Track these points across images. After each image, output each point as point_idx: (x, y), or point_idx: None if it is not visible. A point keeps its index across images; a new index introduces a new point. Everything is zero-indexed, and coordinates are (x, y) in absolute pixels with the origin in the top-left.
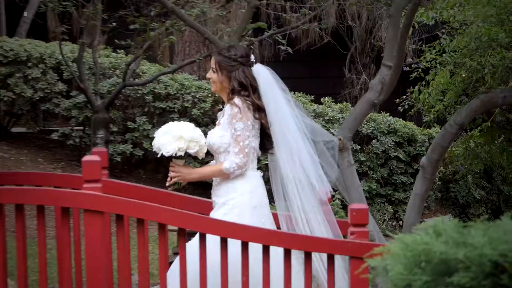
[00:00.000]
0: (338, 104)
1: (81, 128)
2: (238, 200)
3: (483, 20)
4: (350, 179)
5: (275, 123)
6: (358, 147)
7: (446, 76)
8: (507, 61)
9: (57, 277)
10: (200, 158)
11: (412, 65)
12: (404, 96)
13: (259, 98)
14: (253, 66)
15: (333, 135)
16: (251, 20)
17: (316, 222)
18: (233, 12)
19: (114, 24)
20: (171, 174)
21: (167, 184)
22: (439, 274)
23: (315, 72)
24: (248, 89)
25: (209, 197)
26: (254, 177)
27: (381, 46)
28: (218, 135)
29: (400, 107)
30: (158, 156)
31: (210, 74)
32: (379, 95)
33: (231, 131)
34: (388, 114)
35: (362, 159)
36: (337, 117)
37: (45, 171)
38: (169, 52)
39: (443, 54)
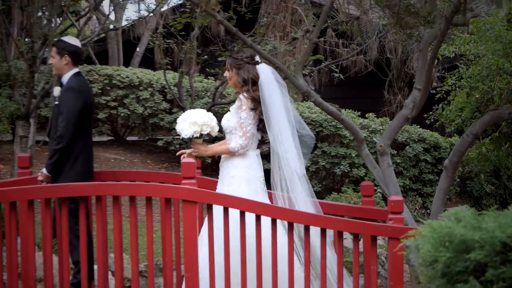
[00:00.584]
0: (379, 118)
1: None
2: (236, 173)
3: (492, 53)
4: (389, 177)
5: (269, 110)
6: (395, 152)
7: (463, 97)
8: (511, 85)
9: (161, 252)
10: (213, 136)
11: (437, 88)
12: (431, 112)
13: (257, 91)
14: (257, 65)
15: (375, 143)
16: (311, 53)
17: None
18: (298, 47)
19: (206, 56)
20: (188, 151)
21: (178, 153)
22: (460, 252)
23: (361, 93)
24: (248, 84)
25: None
26: (251, 156)
27: (413, 73)
28: (227, 119)
29: (427, 121)
30: (180, 138)
31: (226, 73)
32: (411, 111)
33: (237, 118)
34: (418, 126)
35: (398, 161)
36: (378, 129)
37: (152, 170)
38: None
39: (461, 80)
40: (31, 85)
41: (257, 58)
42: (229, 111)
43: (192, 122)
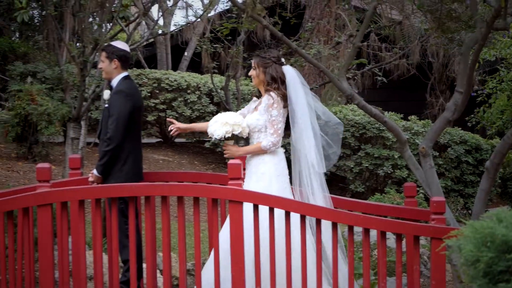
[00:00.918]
0: (422, 121)
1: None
2: (266, 170)
3: None
4: (431, 178)
5: (295, 109)
6: (437, 154)
7: (504, 99)
8: None
9: (208, 251)
10: (244, 137)
11: (478, 91)
12: (472, 115)
13: (286, 89)
14: (283, 65)
15: (418, 145)
16: (355, 57)
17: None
18: (341, 51)
19: (251, 61)
20: (180, 124)
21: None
22: (501, 252)
23: (404, 96)
24: (278, 82)
25: None
26: (280, 153)
27: (454, 76)
28: (255, 118)
29: (469, 123)
30: (212, 140)
31: (251, 72)
32: (453, 114)
33: (267, 116)
34: (460, 128)
35: (440, 162)
36: (420, 131)
37: (200, 171)
38: None
39: (502, 83)
40: (82, 88)
41: (282, 60)
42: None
43: (223, 122)
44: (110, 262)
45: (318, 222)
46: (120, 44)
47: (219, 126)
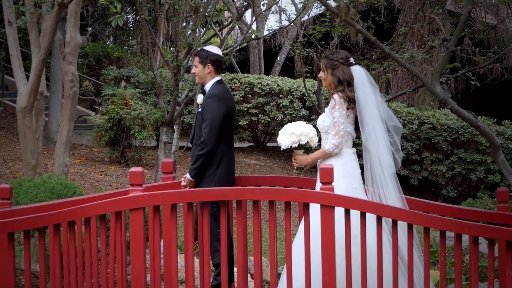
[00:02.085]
0: None
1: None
2: (334, 171)
3: None
4: None
5: (364, 109)
6: None
7: None
8: None
9: None
10: (313, 146)
11: None
12: None
13: (352, 91)
14: (352, 66)
15: (511, 149)
16: (448, 62)
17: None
18: (435, 55)
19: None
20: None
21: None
22: None
23: (497, 101)
24: (344, 84)
25: None
26: (347, 154)
27: None
28: (322, 120)
29: None
30: (281, 149)
31: (320, 74)
32: None
33: (331, 118)
34: None
35: None
36: None
37: (291, 175)
38: (385, 86)
39: None
40: (176, 92)
41: (351, 59)
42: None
43: (290, 132)
44: (201, 266)
45: (410, 227)
46: (213, 49)
47: (286, 136)
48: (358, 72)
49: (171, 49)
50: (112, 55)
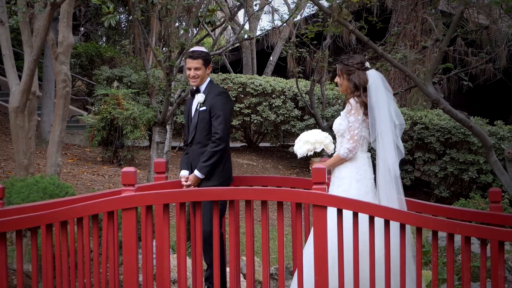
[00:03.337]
0: (508, 126)
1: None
2: (347, 174)
3: None
4: None
5: (375, 114)
6: None
7: None
8: None
9: (291, 256)
10: (329, 153)
11: None
12: None
13: (367, 96)
14: (367, 70)
15: (504, 150)
16: (441, 62)
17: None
18: (427, 56)
19: (337, 65)
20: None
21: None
22: None
23: (490, 101)
24: (360, 89)
25: None
26: (362, 158)
27: None
28: (338, 123)
29: None
30: (298, 158)
31: (337, 79)
32: None
33: (346, 122)
34: None
35: None
36: (506, 136)
37: (284, 175)
38: None
39: None
40: (168, 92)
41: (367, 64)
42: (339, 115)
43: (305, 141)
44: (193, 266)
45: (403, 227)
46: (203, 49)
47: (301, 144)
48: (373, 76)
49: (164, 49)
50: (105, 55)
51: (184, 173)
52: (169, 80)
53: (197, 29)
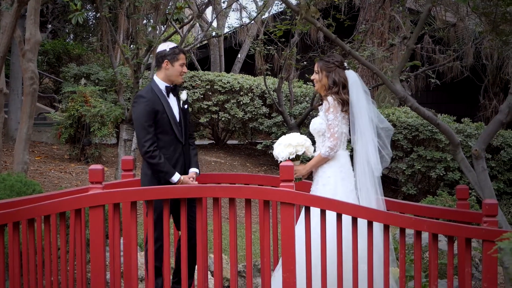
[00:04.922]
0: (475, 123)
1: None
2: (332, 173)
3: None
4: (484, 180)
5: (355, 113)
6: (490, 156)
7: None
8: None
9: (259, 253)
10: (310, 156)
11: None
12: None
13: (347, 93)
14: (346, 70)
15: (471, 147)
16: (408, 59)
17: (371, 197)
18: (395, 53)
19: (305, 62)
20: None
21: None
22: None
23: (457, 98)
24: (339, 86)
25: None
26: (343, 156)
27: (508, 79)
28: (318, 122)
29: None
30: (279, 162)
31: (313, 76)
32: (506, 116)
33: (325, 120)
34: None
35: (493, 165)
36: (473, 133)
37: (252, 173)
38: None
39: None
40: (136, 90)
41: (345, 63)
42: (318, 115)
43: (286, 144)
44: (149, 264)
45: (370, 224)
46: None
47: (282, 148)
48: (352, 76)
49: (132, 46)
50: (72, 53)
51: (194, 170)
52: (137, 78)
53: (165, 26)
